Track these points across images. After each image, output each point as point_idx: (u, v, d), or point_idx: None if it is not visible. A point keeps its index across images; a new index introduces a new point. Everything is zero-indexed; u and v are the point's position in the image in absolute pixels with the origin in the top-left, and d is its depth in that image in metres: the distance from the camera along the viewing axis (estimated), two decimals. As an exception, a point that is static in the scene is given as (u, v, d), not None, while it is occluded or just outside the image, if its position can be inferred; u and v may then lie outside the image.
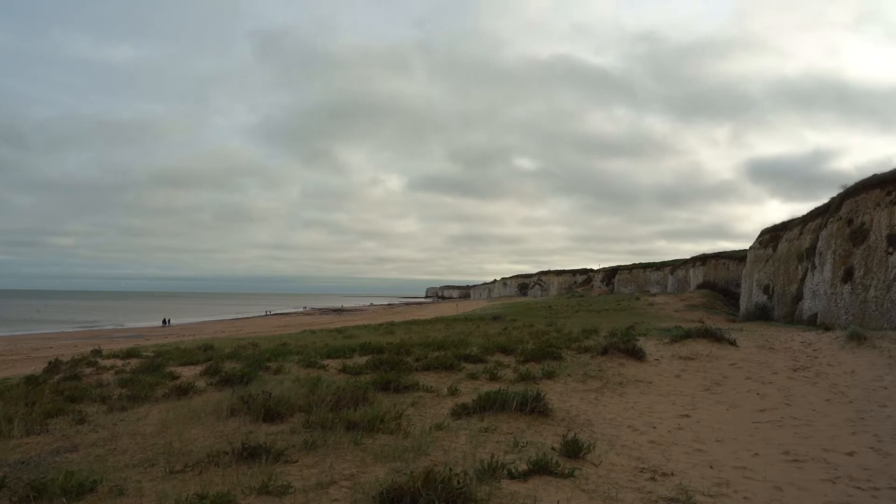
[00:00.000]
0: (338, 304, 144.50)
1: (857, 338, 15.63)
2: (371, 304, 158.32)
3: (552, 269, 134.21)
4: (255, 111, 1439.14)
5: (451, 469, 4.51)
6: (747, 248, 47.91)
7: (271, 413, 7.02)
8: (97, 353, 17.55)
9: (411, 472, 4.41)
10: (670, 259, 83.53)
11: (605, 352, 13.59)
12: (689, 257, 72.52)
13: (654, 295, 65.47)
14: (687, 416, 8.81)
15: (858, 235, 27.03)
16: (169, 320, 73.57)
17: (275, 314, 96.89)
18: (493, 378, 10.59)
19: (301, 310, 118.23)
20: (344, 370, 11.50)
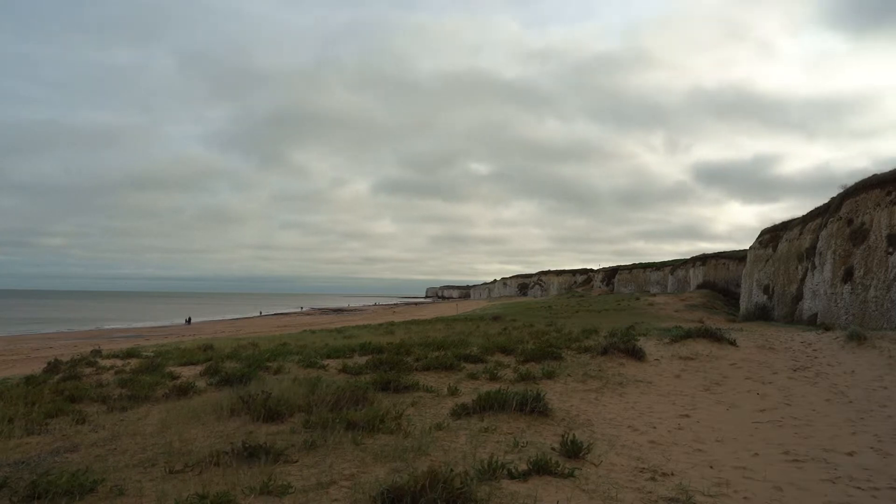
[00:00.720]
0: (337, 305, 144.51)
1: (857, 338, 15.63)
2: (375, 304, 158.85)
3: (551, 269, 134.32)
4: (202, 122, 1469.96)
5: (451, 469, 4.51)
6: (744, 248, 47.96)
7: (271, 413, 7.02)
8: (97, 353, 17.54)
9: (411, 472, 4.41)
10: (669, 259, 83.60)
11: (605, 352, 13.59)
12: (688, 257, 72.57)
13: (654, 295, 65.45)
14: (687, 416, 8.81)
15: (858, 235, 27.03)
16: (190, 319, 76.93)
17: (274, 315, 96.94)
18: (493, 378, 10.59)
19: (298, 310, 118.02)
20: (344, 370, 11.50)
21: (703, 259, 65.67)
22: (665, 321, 32.19)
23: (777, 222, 41.36)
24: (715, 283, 60.64)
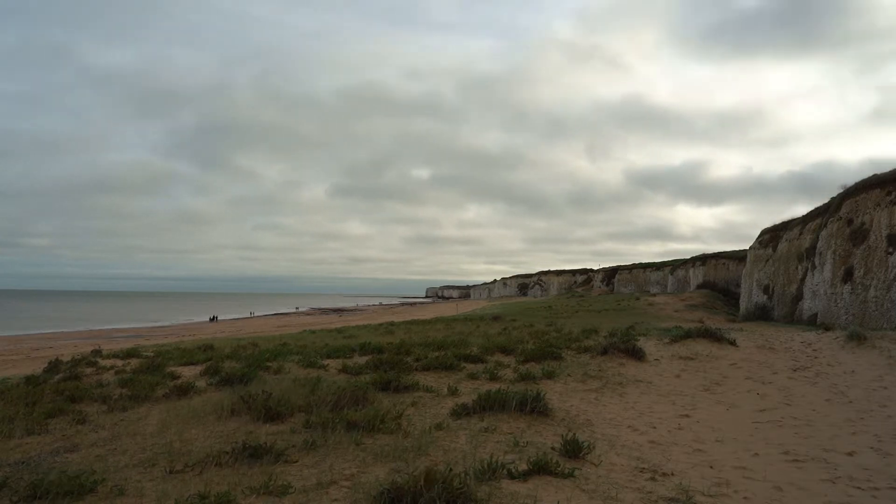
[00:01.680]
0: (336, 305, 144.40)
1: (857, 338, 15.63)
2: (381, 304, 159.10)
3: (551, 269, 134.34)
4: (139, 134, 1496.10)
5: (451, 469, 4.51)
6: (743, 248, 47.94)
7: (271, 413, 7.02)
8: (97, 353, 17.53)
9: (411, 472, 4.41)
10: (669, 259, 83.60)
11: (605, 352, 13.59)
12: (688, 257, 72.57)
13: (654, 295, 65.43)
14: (687, 416, 8.81)
15: (858, 235, 27.03)
16: (216, 317, 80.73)
17: (274, 314, 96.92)
18: (493, 378, 10.59)
19: (294, 310, 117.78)
20: (344, 370, 11.50)
21: (703, 259, 65.65)
22: (665, 321, 32.19)
23: (777, 222, 41.38)
24: (715, 283, 60.64)
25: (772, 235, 41.02)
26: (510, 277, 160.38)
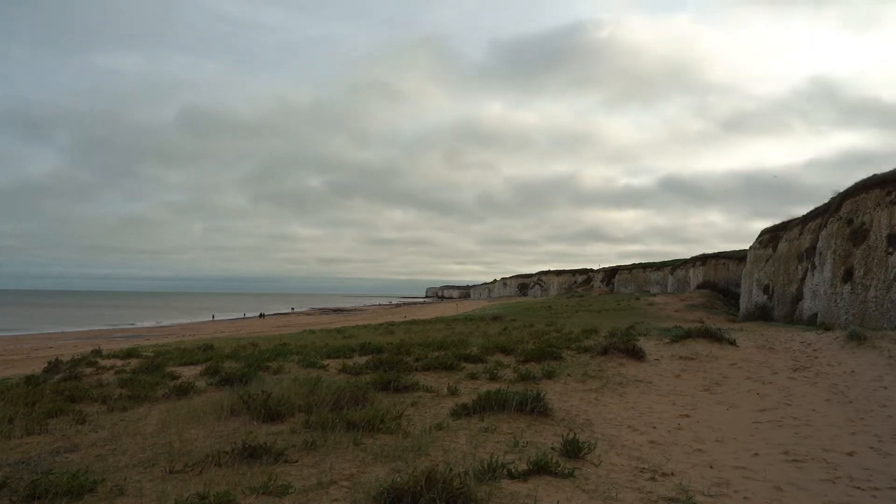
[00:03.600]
0: (335, 305, 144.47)
1: (857, 338, 15.63)
2: (391, 303, 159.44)
3: (551, 269, 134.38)
4: (37, 152, 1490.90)
5: (451, 469, 4.51)
6: (743, 248, 47.94)
7: (271, 413, 7.02)
8: (97, 353, 17.52)
9: (411, 472, 4.41)
10: (670, 259, 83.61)
11: (605, 352, 13.59)
12: (688, 257, 72.59)
13: (654, 295, 65.44)
14: (687, 416, 8.81)
15: (858, 235, 27.02)
16: (263, 314, 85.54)
17: (274, 315, 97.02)
18: (493, 378, 10.58)
19: (290, 310, 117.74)
20: (344, 370, 11.50)
21: (703, 259, 65.69)
22: (665, 321, 32.20)
23: (777, 222, 41.39)
24: (715, 283, 60.66)
25: (772, 235, 41.03)
26: (510, 277, 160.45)
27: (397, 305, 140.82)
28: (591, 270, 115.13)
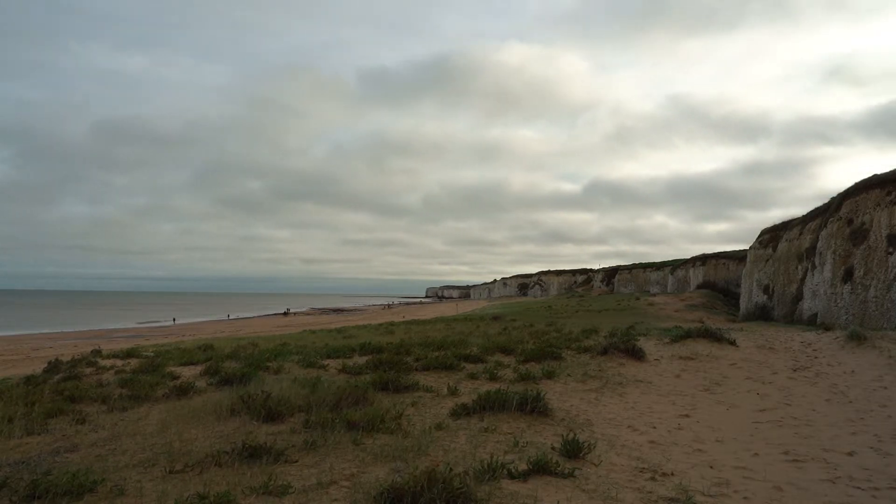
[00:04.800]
0: (335, 305, 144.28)
1: (857, 338, 15.63)
2: (391, 303, 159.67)
3: (551, 269, 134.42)
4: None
5: (451, 469, 4.51)
6: (744, 248, 47.94)
7: (271, 413, 7.02)
8: (97, 353, 17.53)
9: (411, 472, 4.41)
10: (670, 259, 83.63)
11: (605, 352, 13.59)
12: (688, 257, 72.59)
13: (654, 295, 65.47)
14: (687, 416, 8.81)
15: (858, 235, 27.02)
16: (289, 310, 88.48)
17: (275, 314, 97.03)
18: (493, 378, 10.58)
19: (284, 312, 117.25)
20: (344, 370, 11.50)
21: (703, 259, 65.71)
22: (665, 321, 32.20)
23: (777, 222, 41.39)
24: (715, 283, 60.67)
25: (772, 235, 41.03)
26: (510, 277, 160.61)
27: (396, 305, 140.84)
28: (591, 270, 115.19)
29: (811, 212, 34.90)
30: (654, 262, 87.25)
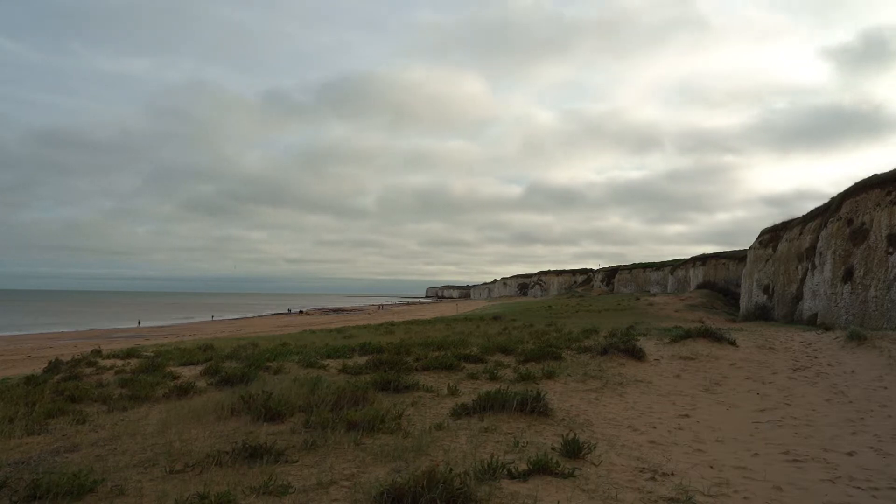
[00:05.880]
0: (335, 305, 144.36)
1: (857, 338, 15.63)
2: (391, 303, 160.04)
3: (551, 269, 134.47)
4: None
5: (451, 469, 4.51)
6: (740, 249, 47.95)
7: (271, 413, 7.02)
8: (97, 353, 17.53)
9: (411, 472, 4.42)
10: (670, 259, 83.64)
11: (604, 352, 13.59)
12: (688, 257, 72.59)
13: (654, 295, 65.45)
14: (687, 416, 8.81)
15: (858, 235, 27.02)
16: (302, 310, 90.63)
17: (274, 315, 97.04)
18: (493, 378, 10.58)
19: (286, 312, 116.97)
20: (344, 370, 11.50)
21: (703, 259, 65.67)
22: (665, 321, 32.19)
23: (777, 222, 41.36)
24: (715, 283, 60.63)
25: (772, 235, 41.00)
26: (510, 277, 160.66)
27: (396, 305, 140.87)
28: (591, 270, 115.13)
29: (811, 212, 34.89)
30: (654, 263, 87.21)
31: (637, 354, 13.55)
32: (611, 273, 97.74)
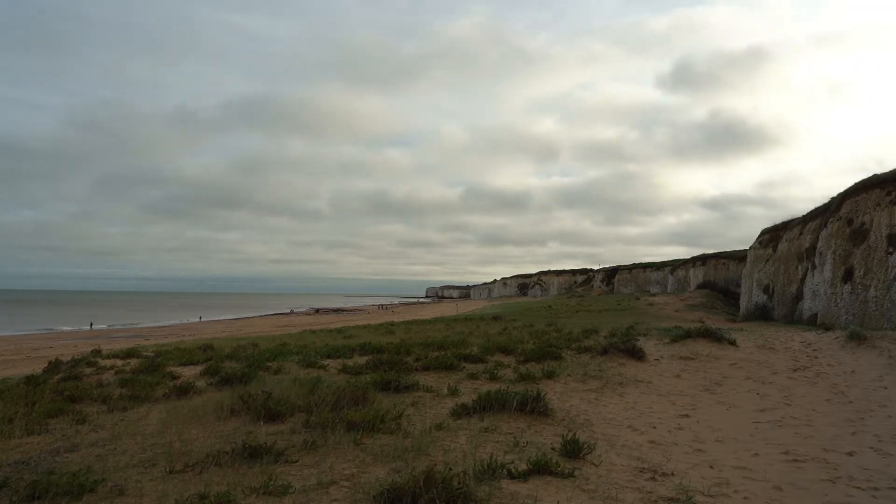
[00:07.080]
0: (335, 305, 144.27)
1: (857, 338, 15.63)
2: (391, 303, 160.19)
3: (551, 269, 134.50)
4: None
5: (451, 469, 4.51)
6: (746, 248, 47.93)
7: (271, 413, 7.02)
8: (97, 353, 17.51)
9: (411, 472, 4.41)
10: (670, 259, 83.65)
11: (605, 352, 13.58)
12: (688, 257, 72.60)
13: (654, 295, 65.45)
14: (687, 416, 8.81)
15: (858, 235, 27.02)
16: (318, 310, 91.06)
17: (272, 315, 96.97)
18: (493, 378, 10.58)
19: (287, 312, 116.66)
20: (344, 370, 11.50)
21: (703, 259, 65.69)
22: (665, 321, 32.19)
23: (777, 222, 41.35)
24: (715, 283, 60.63)
25: (772, 235, 41.00)
26: (510, 277, 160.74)
27: (398, 306, 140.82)
28: (591, 270, 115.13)
29: (811, 212, 34.89)
30: (654, 263, 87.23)
31: (637, 354, 13.54)
32: (611, 273, 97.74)
